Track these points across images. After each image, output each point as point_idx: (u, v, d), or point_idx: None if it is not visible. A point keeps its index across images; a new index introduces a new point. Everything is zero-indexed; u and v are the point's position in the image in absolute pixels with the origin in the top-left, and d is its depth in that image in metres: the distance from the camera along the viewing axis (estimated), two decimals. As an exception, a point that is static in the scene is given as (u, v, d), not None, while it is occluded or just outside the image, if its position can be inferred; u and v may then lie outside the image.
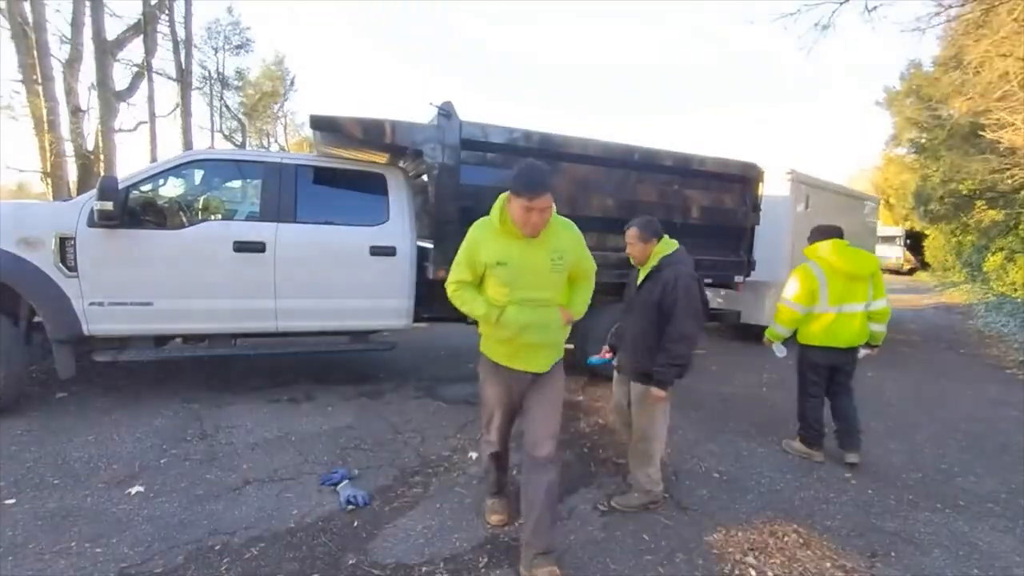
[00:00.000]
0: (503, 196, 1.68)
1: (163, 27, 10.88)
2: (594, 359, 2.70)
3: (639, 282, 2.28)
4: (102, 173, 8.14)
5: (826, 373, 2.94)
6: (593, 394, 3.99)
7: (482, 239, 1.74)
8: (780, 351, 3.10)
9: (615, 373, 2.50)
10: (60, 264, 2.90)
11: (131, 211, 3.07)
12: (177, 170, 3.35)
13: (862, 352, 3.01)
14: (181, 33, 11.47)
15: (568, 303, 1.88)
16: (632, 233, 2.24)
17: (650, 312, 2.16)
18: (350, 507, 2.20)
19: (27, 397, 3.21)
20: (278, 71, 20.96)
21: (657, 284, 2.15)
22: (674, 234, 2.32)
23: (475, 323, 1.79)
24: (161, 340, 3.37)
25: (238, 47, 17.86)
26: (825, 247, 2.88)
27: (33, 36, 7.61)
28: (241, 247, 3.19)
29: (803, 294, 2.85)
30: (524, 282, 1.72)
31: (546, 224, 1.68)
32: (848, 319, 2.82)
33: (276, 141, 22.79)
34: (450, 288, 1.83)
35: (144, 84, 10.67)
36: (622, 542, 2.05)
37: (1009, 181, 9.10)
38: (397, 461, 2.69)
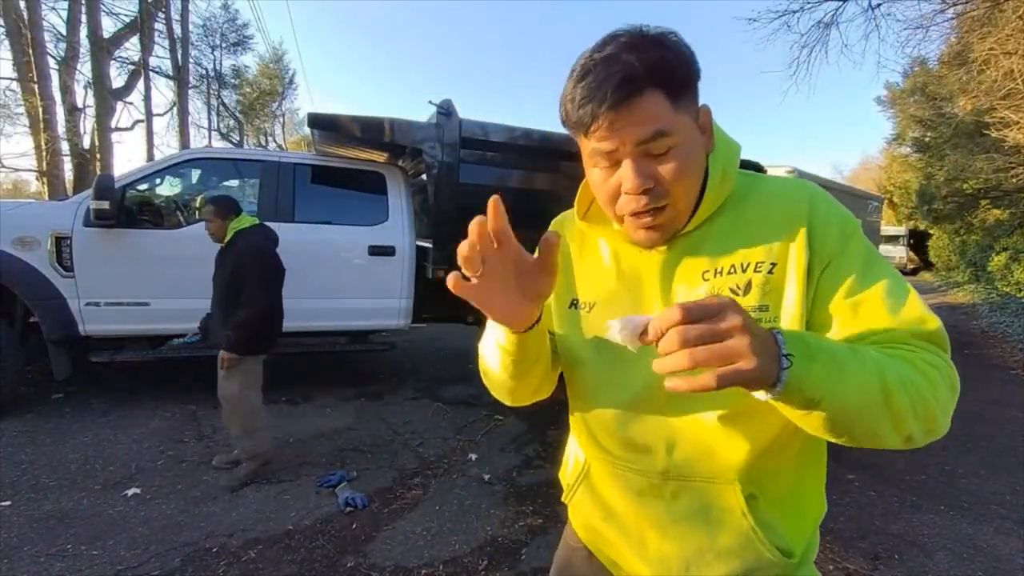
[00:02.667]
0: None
1: (160, 25, 10.83)
2: (178, 340, 2.79)
3: (217, 257, 2.35)
4: (98, 172, 8.10)
5: None
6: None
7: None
8: None
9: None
10: (56, 264, 2.88)
11: (128, 210, 3.06)
12: (174, 169, 3.33)
13: None
14: (178, 31, 11.42)
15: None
16: (208, 210, 2.32)
17: (225, 285, 2.28)
18: (348, 509, 2.18)
19: (23, 398, 3.19)
20: (276, 69, 20.90)
21: (229, 257, 2.28)
22: None
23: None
24: (158, 340, 3.34)
25: (235, 45, 17.80)
26: None
27: (29, 34, 7.58)
28: (239, 246, 3.17)
29: None
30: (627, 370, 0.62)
31: (680, 187, 0.55)
32: None
33: (274, 140, 22.75)
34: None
35: (141, 82, 10.64)
36: None
37: (1014, 180, 9.07)
38: (396, 463, 2.67)
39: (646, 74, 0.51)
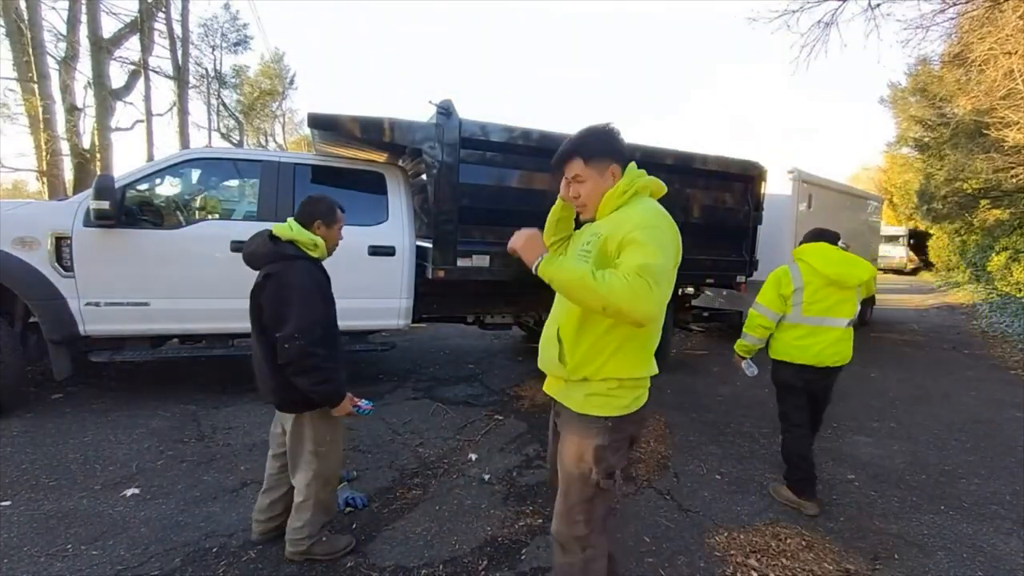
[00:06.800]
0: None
1: (160, 24, 10.83)
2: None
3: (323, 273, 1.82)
4: (98, 172, 8.10)
5: (805, 397, 2.46)
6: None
7: None
8: (751, 369, 2.61)
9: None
10: (56, 264, 2.87)
11: (128, 210, 3.05)
12: (174, 169, 3.32)
13: None
14: (178, 30, 11.42)
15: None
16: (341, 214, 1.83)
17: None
18: (348, 509, 2.18)
19: (23, 398, 3.19)
20: (277, 69, 20.91)
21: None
22: None
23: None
24: (158, 340, 3.34)
25: (236, 44, 17.81)
26: (811, 249, 2.45)
27: (28, 33, 7.57)
28: (239, 247, 3.16)
29: (774, 298, 2.41)
30: None
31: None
32: (824, 333, 2.35)
33: (274, 140, 22.75)
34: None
35: (141, 82, 10.63)
36: (623, 544, 2.03)
37: (1013, 180, 9.07)
38: (396, 463, 2.67)
39: (573, 149, 1.30)
